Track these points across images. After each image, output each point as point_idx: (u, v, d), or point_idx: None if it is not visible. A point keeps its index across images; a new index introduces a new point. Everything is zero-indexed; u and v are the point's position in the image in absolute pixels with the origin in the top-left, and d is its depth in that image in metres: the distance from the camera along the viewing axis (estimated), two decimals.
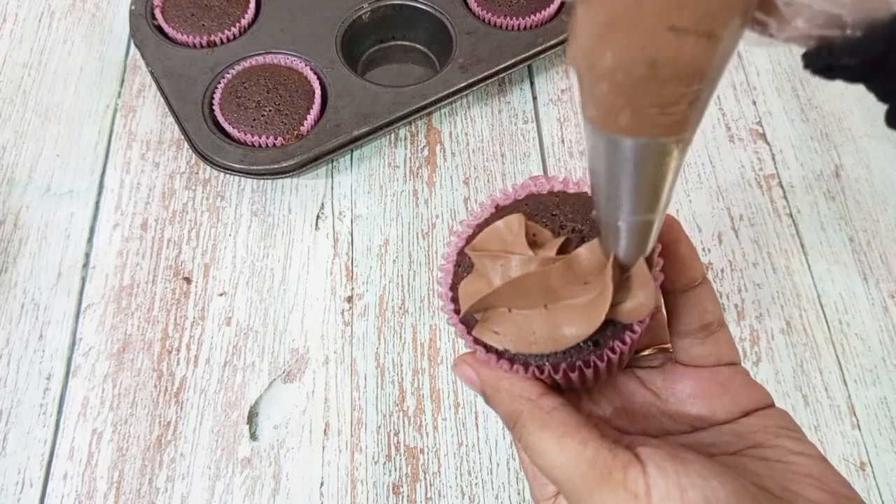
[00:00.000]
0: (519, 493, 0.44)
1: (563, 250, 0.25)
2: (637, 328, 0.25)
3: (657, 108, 0.16)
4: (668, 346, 0.29)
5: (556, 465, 0.23)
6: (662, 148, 0.18)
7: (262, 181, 0.54)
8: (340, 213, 0.54)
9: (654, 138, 0.17)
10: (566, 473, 0.23)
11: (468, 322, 0.26)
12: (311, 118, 0.53)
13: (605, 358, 0.25)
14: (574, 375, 0.25)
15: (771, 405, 0.26)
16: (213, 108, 0.53)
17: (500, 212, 0.27)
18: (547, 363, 0.25)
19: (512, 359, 0.25)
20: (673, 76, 0.16)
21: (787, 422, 0.26)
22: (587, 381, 0.26)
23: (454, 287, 0.27)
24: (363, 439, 0.46)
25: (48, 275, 0.50)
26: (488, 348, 0.25)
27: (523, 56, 0.57)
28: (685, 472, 0.21)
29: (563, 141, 0.57)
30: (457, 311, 0.26)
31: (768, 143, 0.58)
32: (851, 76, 0.27)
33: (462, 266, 0.27)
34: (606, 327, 0.24)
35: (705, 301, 0.26)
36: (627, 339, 0.25)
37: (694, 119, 0.17)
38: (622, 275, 0.24)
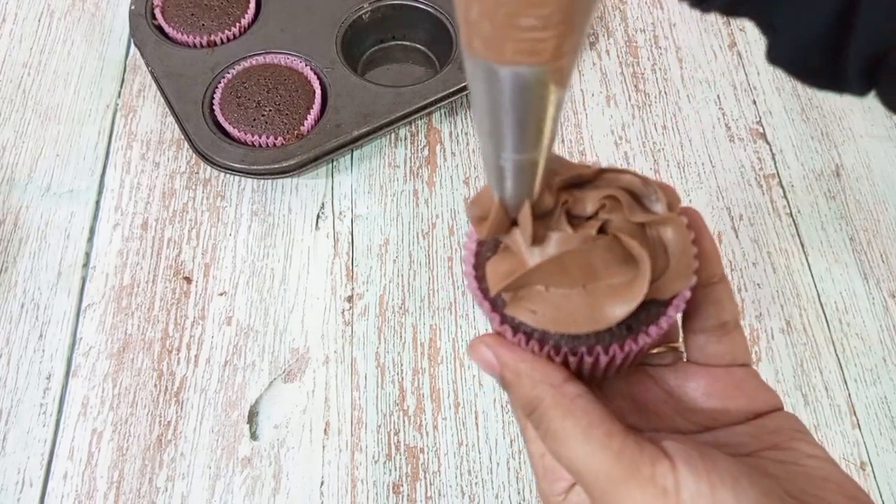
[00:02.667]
0: (519, 493, 0.44)
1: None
2: (672, 313, 0.24)
3: (525, 34, 0.16)
4: (678, 344, 0.28)
5: (579, 456, 0.22)
6: (537, 76, 0.17)
7: (262, 181, 0.54)
8: (341, 213, 0.54)
9: (529, 66, 0.17)
10: (589, 466, 0.22)
11: (496, 303, 0.25)
12: (311, 118, 0.53)
13: (641, 342, 0.24)
14: (604, 360, 0.24)
15: (781, 408, 0.26)
16: (214, 107, 0.53)
17: None
18: (581, 347, 0.24)
19: (542, 341, 0.24)
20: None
21: (799, 425, 0.25)
22: (611, 370, 0.25)
23: (478, 266, 0.26)
24: (363, 439, 0.46)
25: (48, 275, 0.50)
26: (515, 330, 0.24)
27: None
28: (715, 469, 0.21)
29: (562, 141, 0.57)
30: (482, 291, 0.25)
31: (768, 143, 0.58)
32: (724, 5, 0.27)
33: (486, 245, 0.26)
34: (641, 311, 0.23)
35: (724, 298, 0.26)
36: (664, 324, 0.24)
37: (567, 47, 0.17)
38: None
